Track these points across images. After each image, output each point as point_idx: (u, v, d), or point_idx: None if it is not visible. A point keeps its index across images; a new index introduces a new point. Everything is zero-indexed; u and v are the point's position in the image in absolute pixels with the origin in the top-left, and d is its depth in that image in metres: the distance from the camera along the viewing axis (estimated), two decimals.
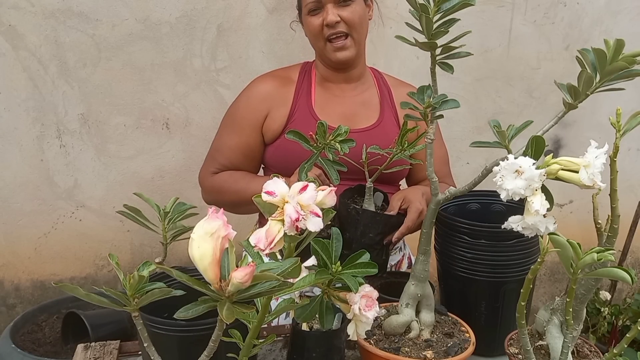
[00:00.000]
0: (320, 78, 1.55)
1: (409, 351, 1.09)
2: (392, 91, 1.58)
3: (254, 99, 1.53)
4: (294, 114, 1.51)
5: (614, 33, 2.47)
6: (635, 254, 2.81)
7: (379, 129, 1.52)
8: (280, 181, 0.71)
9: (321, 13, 1.42)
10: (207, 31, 2.17)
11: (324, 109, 1.52)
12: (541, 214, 0.85)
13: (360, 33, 1.48)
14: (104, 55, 2.12)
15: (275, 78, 1.56)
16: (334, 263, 0.80)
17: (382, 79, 1.60)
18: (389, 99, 1.56)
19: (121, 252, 2.31)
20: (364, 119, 1.53)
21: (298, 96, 1.52)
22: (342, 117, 1.51)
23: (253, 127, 1.52)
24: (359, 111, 1.53)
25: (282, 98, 1.52)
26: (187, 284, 0.63)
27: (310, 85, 1.54)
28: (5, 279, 2.28)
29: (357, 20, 1.44)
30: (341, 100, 1.53)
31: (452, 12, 0.94)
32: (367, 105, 1.55)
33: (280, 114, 1.51)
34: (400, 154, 1.19)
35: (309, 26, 1.45)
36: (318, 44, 1.47)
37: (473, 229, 1.25)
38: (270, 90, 1.53)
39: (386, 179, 1.52)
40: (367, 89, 1.56)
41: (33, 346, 1.96)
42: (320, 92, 1.54)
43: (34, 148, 2.16)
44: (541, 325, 1.08)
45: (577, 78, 0.88)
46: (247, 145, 1.53)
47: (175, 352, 0.99)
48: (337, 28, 1.42)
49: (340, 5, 1.42)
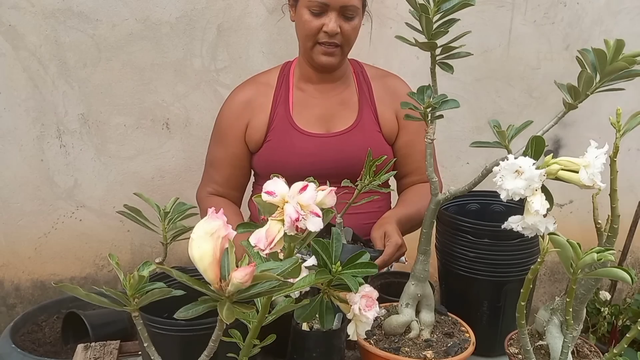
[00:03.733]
0: (299, 79, 1.54)
1: (409, 351, 1.09)
2: (371, 86, 1.56)
3: (234, 109, 1.54)
4: (273, 122, 1.51)
5: (614, 33, 2.46)
6: (635, 254, 2.81)
7: (357, 130, 1.51)
8: (280, 181, 0.71)
9: (322, 17, 1.40)
10: (207, 31, 2.17)
11: (301, 114, 1.51)
12: (541, 214, 0.85)
13: (351, 46, 1.48)
14: (104, 55, 2.12)
15: (254, 85, 1.56)
16: (334, 263, 0.80)
17: (362, 74, 1.58)
18: (368, 96, 1.54)
19: (121, 252, 2.31)
20: (342, 120, 1.52)
21: (276, 103, 1.52)
22: (320, 120, 1.51)
23: (237, 138, 1.53)
24: (337, 112, 1.53)
25: (260, 106, 1.52)
26: (187, 284, 0.63)
27: (288, 91, 1.53)
28: (5, 279, 2.28)
29: (353, 37, 1.45)
30: (319, 102, 1.53)
31: (452, 12, 0.94)
32: (346, 104, 1.54)
33: (260, 122, 1.51)
34: (370, 185, 1.15)
35: (305, 24, 1.42)
36: (307, 42, 1.45)
37: (476, 228, 1.25)
38: (249, 98, 1.53)
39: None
40: (346, 88, 1.55)
41: (33, 346, 1.96)
42: (298, 96, 1.53)
43: (34, 148, 2.16)
44: (541, 325, 1.08)
45: (577, 78, 0.88)
46: (234, 156, 1.54)
47: (175, 352, 0.99)
48: (334, 38, 1.41)
49: (344, 16, 1.40)
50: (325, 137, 1.50)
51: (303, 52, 1.50)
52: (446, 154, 2.42)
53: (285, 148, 1.49)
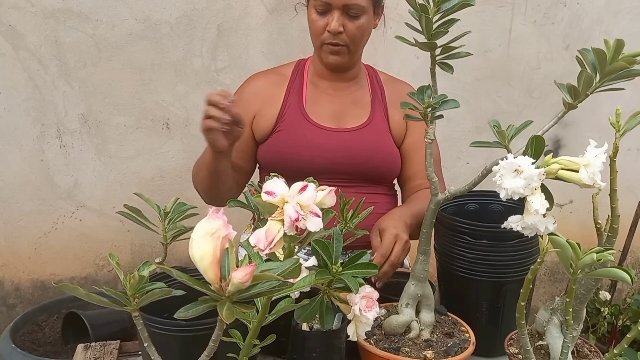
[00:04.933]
0: (313, 75, 1.55)
1: (409, 351, 1.09)
2: (384, 89, 1.56)
3: (245, 94, 1.54)
4: (285, 113, 1.51)
5: (614, 33, 2.46)
6: (635, 254, 2.81)
7: (369, 129, 1.51)
8: (279, 181, 0.71)
9: (327, 16, 1.39)
10: (207, 31, 2.17)
11: (314, 107, 1.51)
12: (541, 214, 0.85)
13: (359, 46, 1.47)
14: (104, 55, 2.12)
15: (269, 76, 1.57)
16: (334, 263, 0.79)
17: (376, 77, 1.59)
18: (380, 97, 1.55)
19: (121, 252, 2.31)
20: (354, 118, 1.52)
21: (289, 95, 1.52)
22: (333, 115, 1.51)
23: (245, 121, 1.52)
24: (349, 110, 1.53)
25: (273, 97, 1.52)
26: (187, 284, 0.63)
27: (302, 84, 1.53)
28: (5, 279, 2.29)
29: (359, 36, 1.43)
30: (332, 99, 1.53)
31: (451, 12, 0.94)
32: (358, 103, 1.54)
33: (271, 112, 1.51)
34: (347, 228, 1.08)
35: (312, 23, 1.43)
36: (316, 42, 1.46)
37: (474, 229, 1.25)
38: (262, 88, 1.54)
39: (376, 179, 1.52)
40: (359, 88, 1.55)
41: (33, 346, 1.96)
42: (311, 90, 1.53)
43: (34, 148, 2.16)
44: (541, 325, 1.08)
45: (577, 78, 0.88)
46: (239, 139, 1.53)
47: (175, 352, 0.99)
48: (337, 38, 1.40)
49: (348, 15, 1.39)
50: (337, 131, 1.49)
51: (315, 51, 1.51)
52: (446, 154, 2.41)
53: (297, 139, 1.48)
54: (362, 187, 1.48)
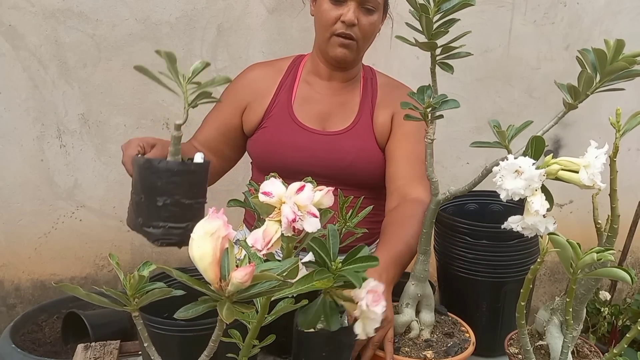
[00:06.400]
0: (308, 73, 1.54)
1: (409, 351, 1.09)
2: (377, 93, 1.54)
3: (240, 83, 1.55)
4: (272, 109, 1.51)
5: (614, 33, 2.46)
6: (635, 254, 2.81)
7: (351, 133, 1.49)
8: (277, 181, 0.71)
9: (342, 7, 1.38)
10: (207, 31, 2.17)
11: (302, 106, 1.51)
12: (541, 214, 0.85)
13: (367, 44, 1.47)
14: (104, 55, 2.12)
15: (266, 69, 1.57)
16: (333, 260, 0.77)
17: (372, 80, 1.57)
18: (370, 101, 1.53)
19: (121, 252, 2.30)
20: (340, 120, 1.51)
21: (280, 91, 1.53)
22: (319, 117, 1.51)
23: (233, 108, 1.53)
24: (336, 112, 1.52)
25: (264, 90, 1.53)
26: (187, 284, 0.63)
27: (295, 81, 1.54)
28: (5, 279, 2.28)
29: (370, 32, 1.43)
30: (321, 99, 1.52)
31: (452, 12, 0.94)
32: (346, 106, 1.52)
33: (260, 107, 1.52)
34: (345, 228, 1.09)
35: (323, 13, 1.41)
36: (324, 33, 1.43)
37: (473, 229, 1.25)
38: (256, 80, 1.55)
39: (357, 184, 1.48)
40: (351, 90, 1.54)
41: (33, 346, 1.96)
42: (302, 89, 1.53)
43: (34, 148, 2.16)
44: (541, 325, 1.08)
45: (577, 78, 0.88)
46: (224, 124, 1.54)
47: (175, 352, 0.99)
48: (350, 30, 1.40)
49: (363, 8, 1.39)
50: (319, 134, 1.49)
51: (319, 45, 1.49)
52: (446, 154, 2.42)
53: (280, 138, 1.48)
54: (346, 190, 1.37)
